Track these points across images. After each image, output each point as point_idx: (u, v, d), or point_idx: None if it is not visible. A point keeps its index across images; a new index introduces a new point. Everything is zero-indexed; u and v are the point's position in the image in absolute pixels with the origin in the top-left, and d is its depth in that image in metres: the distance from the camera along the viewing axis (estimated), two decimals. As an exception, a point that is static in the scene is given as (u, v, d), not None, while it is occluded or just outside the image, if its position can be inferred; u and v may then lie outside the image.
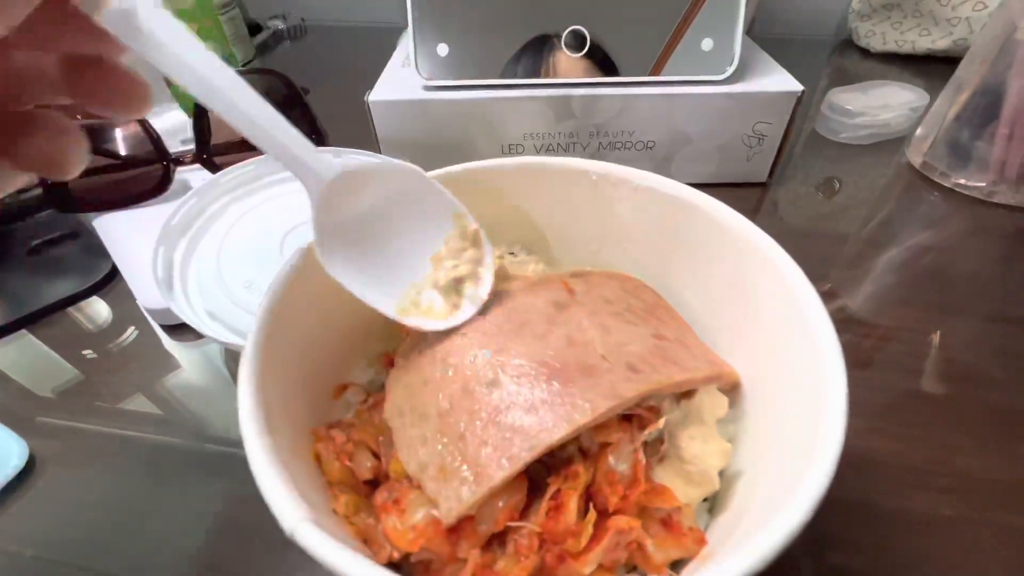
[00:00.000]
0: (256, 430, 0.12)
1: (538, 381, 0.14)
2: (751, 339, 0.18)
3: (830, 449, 0.12)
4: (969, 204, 0.38)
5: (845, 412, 0.12)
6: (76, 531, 0.23)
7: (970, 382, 0.27)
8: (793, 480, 0.12)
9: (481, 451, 0.13)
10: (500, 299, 0.18)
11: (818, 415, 0.12)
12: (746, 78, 0.36)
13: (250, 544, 0.22)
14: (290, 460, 0.13)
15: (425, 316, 0.17)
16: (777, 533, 0.10)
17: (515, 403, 0.14)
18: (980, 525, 0.21)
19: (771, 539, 0.10)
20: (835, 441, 0.12)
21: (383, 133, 0.38)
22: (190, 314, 0.27)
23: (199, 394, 0.29)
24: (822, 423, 0.12)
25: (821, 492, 0.11)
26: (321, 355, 0.18)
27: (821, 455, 0.11)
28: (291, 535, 0.11)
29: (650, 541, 0.14)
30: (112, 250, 0.35)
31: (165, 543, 0.22)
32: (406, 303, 0.18)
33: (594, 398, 0.14)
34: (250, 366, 0.14)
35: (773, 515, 0.11)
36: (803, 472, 0.11)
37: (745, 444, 0.17)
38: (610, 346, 0.16)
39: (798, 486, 0.11)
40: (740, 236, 0.18)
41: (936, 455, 0.24)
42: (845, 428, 0.12)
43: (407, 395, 0.16)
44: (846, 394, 0.13)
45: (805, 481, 0.11)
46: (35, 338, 0.33)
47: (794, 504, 0.11)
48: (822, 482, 0.11)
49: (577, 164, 0.22)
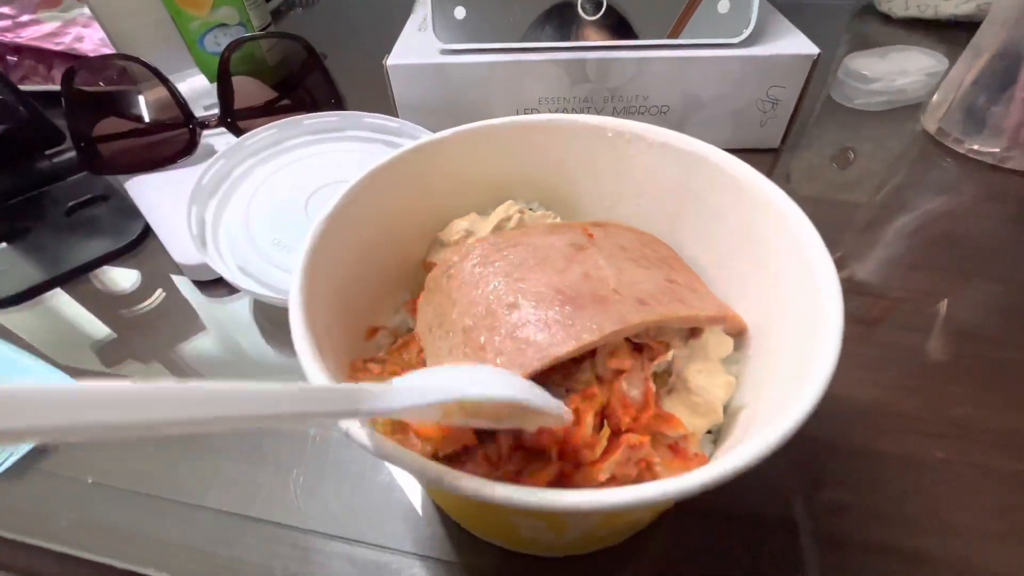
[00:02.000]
0: (309, 346, 0.14)
1: (552, 305, 0.16)
2: (758, 289, 0.19)
3: (825, 362, 0.13)
4: (982, 170, 0.38)
5: (837, 348, 0.13)
6: (129, 461, 0.25)
7: (974, 340, 0.28)
8: (780, 410, 0.13)
9: (496, 359, 0.15)
10: (524, 237, 0.20)
11: (815, 339, 0.13)
12: (762, 41, 0.36)
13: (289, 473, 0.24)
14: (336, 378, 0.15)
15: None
16: (768, 439, 0.12)
17: (530, 322, 0.16)
18: (968, 466, 0.23)
19: (757, 446, 0.12)
20: (830, 354, 0.13)
21: (401, 97, 0.39)
22: (225, 269, 0.29)
23: (231, 347, 0.31)
24: (818, 343, 0.13)
25: (816, 397, 0.12)
26: (356, 298, 0.20)
27: (817, 367, 0.13)
28: (346, 433, 0.12)
29: (658, 461, 0.16)
30: (145, 210, 0.37)
31: (209, 470, 0.24)
32: None
33: (602, 322, 0.16)
34: (299, 296, 0.15)
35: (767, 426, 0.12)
36: (800, 384, 0.13)
37: (748, 382, 0.18)
38: (623, 283, 0.17)
39: (794, 396, 0.12)
40: (752, 189, 0.19)
41: (933, 404, 0.25)
42: (840, 345, 0.13)
43: (436, 314, 0.18)
44: (840, 332, 0.13)
45: (802, 388, 0.12)
46: (71, 297, 0.34)
47: (787, 413, 0.12)
48: (816, 389, 0.12)
49: (593, 120, 0.22)
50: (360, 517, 0.22)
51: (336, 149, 0.37)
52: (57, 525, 0.23)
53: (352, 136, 0.38)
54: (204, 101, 0.44)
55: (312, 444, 0.25)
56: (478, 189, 0.24)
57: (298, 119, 0.37)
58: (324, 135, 0.38)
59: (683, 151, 0.21)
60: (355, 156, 0.36)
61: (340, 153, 0.37)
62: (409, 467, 0.12)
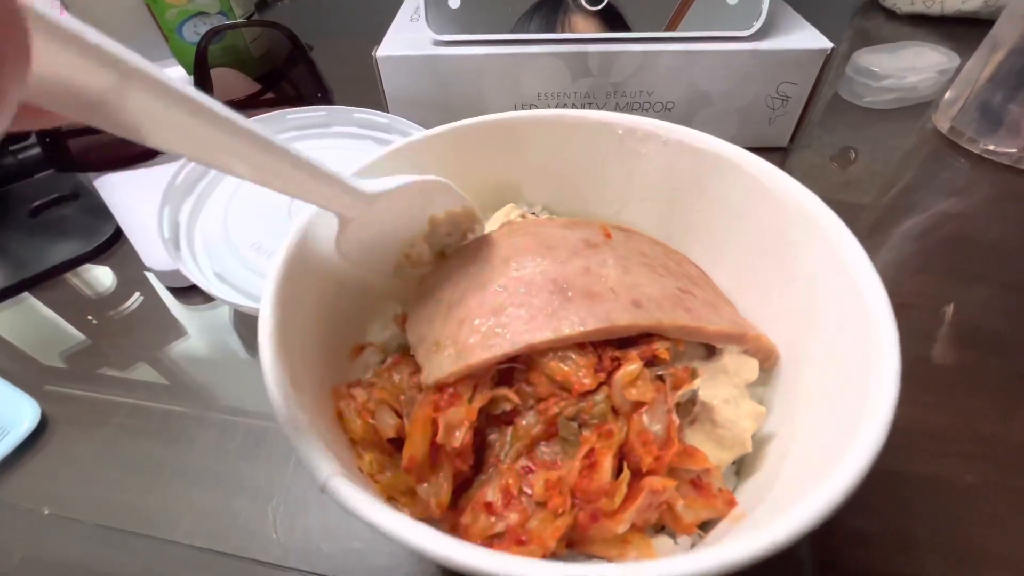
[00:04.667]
0: (282, 388, 0.12)
1: (540, 293, 0.16)
2: (786, 301, 0.17)
3: (879, 418, 0.11)
4: (997, 171, 0.37)
5: (897, 381, 0.12)
6: (91, 489, 0.23)
7: (991, 349, 0.26)
8: (836, 448, 0.11)
9: (470, 338, 0.15)
10: (538, 227, 0.19)
11: (867, 383, 0.12)
12: (772, 34, 0.34)
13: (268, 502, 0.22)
14: (315, 418, 0.13)
15: (413, 265, 0.19)
16: (822, 498, 0.10)
17: (515, 305, 0.15)
18: (1003, 491, 0.21)
19: (816, 503, 0.10)
20: (885, 409, 0.11)
21: (391, 91, 0.36)
22: (199, 276, 0.27)
23: (208, 359, 0.28)
24: (872, 391, 0.11)
25: (868, 460, 0.10)
26: (337, 315, 0.18)
27: (870, 423, 0.11)
28: (323, 488, 0.10)
29: (681, 502, 0.14)
30: (115, 211, 0.34)
31: (180, 500, 0.22)
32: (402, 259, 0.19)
33: (586, 317, 0.15)
34: (270, 324, 0.13)
35: (815, 482, 0.11)
36: (848, 440, 0.11)
37: (776, 406, 0.17)
38: (623, 283, 0.16)
39: (843, 454, 0.11)
40: (779, 192, 0.17)
41: (958, 421, 0.24)
42: (897, 397, 0.11)
43: (431, 285, 0.18)
44: (898, 361, 0.12)
45: (851, 449, 0.11)
46: (39, 301, 0.32)
47: (838, 472, 0.10)
48: (870, 451, 0.11)
49: (602, 117, 0.21)
50: (347, 553, 0.20)
51: (322, 146, 0.35)
52: (9, 562, 0.21)
53: (339, 132, 0.36)
54: (182, 94, 0.42)
55: (293, 469, 0.23)
56: (475, 191, 0.22)
57: (282, 114, 0.35)
58: (310, 131, 0.36)
59: (700, 150, 0.19)
60: (343, 153, 0.34)
61: (327, 150, 0.34)
62: (391, 533, 0.10)
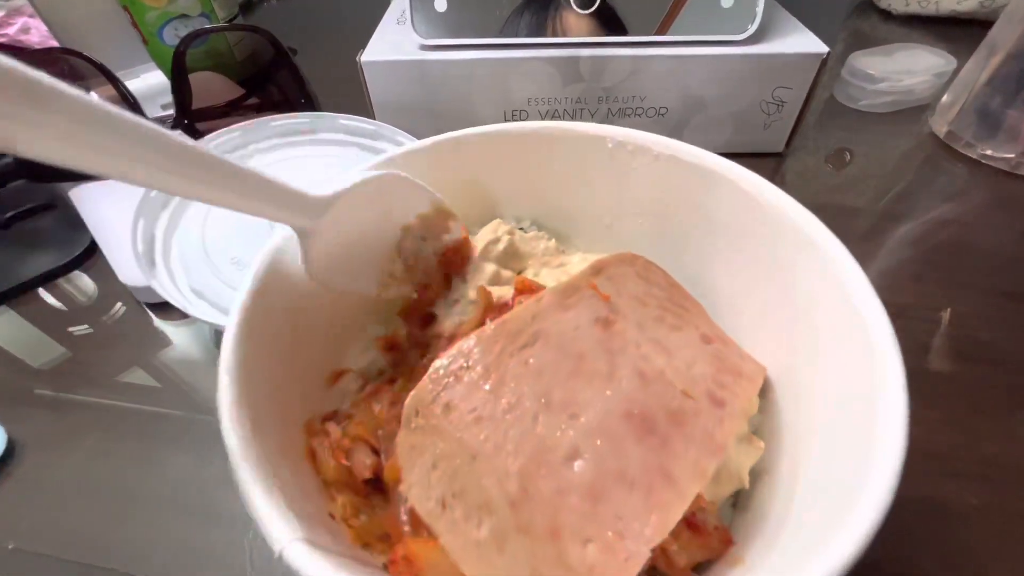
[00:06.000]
0: (239, 436, 0.11)
1: (627, 441, 0.12)
2: (782, 325, 0.17)
3: (890, 460, 0.10)
4: (995, 176, 0.36)
5: (905, 419, 0.11)
6: (59, 521, 0.22)
7: (992, 362, 0.26)
8: (847, 490, 0.11)
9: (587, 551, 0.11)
10: (537, 323, 0.15)
11: (873, 419, 0.11)
12: (767, 38, 0.33)
13: (245, 533, 0.21)
14: (280, 462, 0.12)
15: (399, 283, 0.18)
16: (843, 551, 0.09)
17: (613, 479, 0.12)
18: (1010, 515, 0.21)
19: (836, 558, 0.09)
20: (895, 451, 0.10)
21: (377, 97, 0.35)
22: (174, 292, 0.26)
23: (189, 375, 0.27)
24: (879, 429, 0.11)
25: (883, 507, 0.10)
26: (312, 340, 0.17)
27: (880, 465, 0.10)
28: (279, 557, 0.09)
29: (674, 544, 0.13)
30: (90, 223, 0.33)
31: (154, 530, 0.21)
32: (384, 276, 0.18)
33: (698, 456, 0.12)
34: (232, 357, 0.12)
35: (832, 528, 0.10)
36: (858, 483, 0.10)
37: (773, 438, 0.16)
38: (680, 372, 0.14)
39: (853, 502, 0.10)
40: (776, 211, 0.16)
41: (960, 440, 0.23)
42: (906, 436, 0.11)
43: (447, 475, 0.12)
44: (906, 398, 0.11)
45: (863, 497, 0.10)
46: (9, 317, 0.31)
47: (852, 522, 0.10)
48: (883, 497, 0.10)
49: (592, 129, 0.20)
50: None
51: (306, 154, 0.34)
52: (-30, 601, 0.20)
53: (324, 139, 0.35)
54: (162, 100, 0.41)
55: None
56: (461, 206, 0.21)
57: (265, 120, 0.34)
58: (293, 138, 0.34)
59: (694, 166, 0.19)
60: (327, 161, 0.33)
61: (311, 158, 0.33)
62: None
